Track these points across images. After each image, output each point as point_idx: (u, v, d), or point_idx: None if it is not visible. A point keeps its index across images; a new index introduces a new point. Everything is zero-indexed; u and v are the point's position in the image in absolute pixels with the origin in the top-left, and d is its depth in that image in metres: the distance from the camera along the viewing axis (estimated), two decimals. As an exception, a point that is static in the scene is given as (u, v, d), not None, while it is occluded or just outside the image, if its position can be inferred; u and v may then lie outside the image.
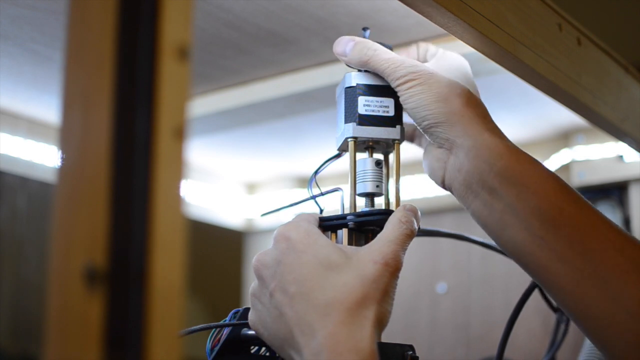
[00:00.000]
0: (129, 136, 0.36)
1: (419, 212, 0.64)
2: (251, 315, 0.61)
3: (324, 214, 0.66)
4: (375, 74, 0.67)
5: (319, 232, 0.60)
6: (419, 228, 0.63)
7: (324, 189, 0.69)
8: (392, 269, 0.58)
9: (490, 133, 0.63)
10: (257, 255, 0.61)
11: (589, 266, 0.59)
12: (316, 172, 0.70)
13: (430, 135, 0.66)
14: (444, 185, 0.67)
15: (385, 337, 0.64)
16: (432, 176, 0.68)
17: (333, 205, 0.70)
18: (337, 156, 0.70)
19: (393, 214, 0.62)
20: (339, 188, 0.68)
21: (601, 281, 0.59)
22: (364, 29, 0.71)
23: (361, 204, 0.68)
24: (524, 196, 0.61)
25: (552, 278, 0.61)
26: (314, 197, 0.69)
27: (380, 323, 0.56)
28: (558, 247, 0.60)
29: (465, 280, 1.24)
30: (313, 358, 0.53)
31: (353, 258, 0.58)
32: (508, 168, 0.62)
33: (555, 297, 0.62)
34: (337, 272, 0.57)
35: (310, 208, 0.70)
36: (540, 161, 0.64)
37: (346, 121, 0.66)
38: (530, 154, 0.64)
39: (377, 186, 0.67)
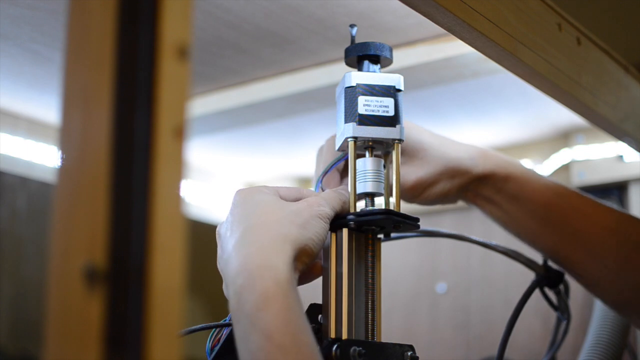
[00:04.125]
0: (129, 136, 0.36)
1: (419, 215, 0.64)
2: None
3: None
4: (375, 74, 0.67)
5: (260, 189, 0.63)
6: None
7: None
8: (314, 204, 0.62)
9: None
10: None
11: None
12: (324, 173, 0.70)
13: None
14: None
15: (385, 337, 0.64)
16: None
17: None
18: (344, 157, 0.70)
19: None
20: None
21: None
22: (351, 26, 0.71)
23: (361, 204, 0.68)
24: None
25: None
26: None
27: (300, 253, 0.59)
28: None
29: (465, 280, 1.24)
30: (232, 282, 0.56)
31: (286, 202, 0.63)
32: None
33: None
34: (271, 207, 0.61)
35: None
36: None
37: (346, 121, 0.66)
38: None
39: (377, 186, 0.67)
